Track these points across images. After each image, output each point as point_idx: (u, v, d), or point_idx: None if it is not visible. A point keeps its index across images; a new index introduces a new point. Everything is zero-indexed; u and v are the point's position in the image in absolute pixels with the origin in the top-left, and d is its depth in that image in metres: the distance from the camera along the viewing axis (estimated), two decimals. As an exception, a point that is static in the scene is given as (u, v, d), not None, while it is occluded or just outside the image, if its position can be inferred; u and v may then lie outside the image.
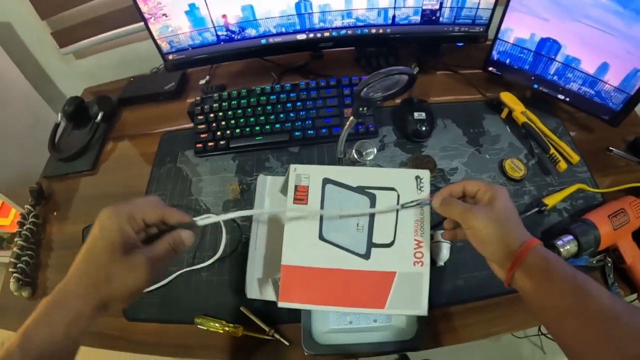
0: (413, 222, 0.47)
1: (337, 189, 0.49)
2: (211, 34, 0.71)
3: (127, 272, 0.36)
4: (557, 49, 0.70)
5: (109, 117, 0.86)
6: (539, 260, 0.38)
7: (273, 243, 0.56)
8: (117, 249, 0.35)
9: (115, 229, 0.36)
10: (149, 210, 0.39)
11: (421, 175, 0.49)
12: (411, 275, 0.47)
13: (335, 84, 0.74)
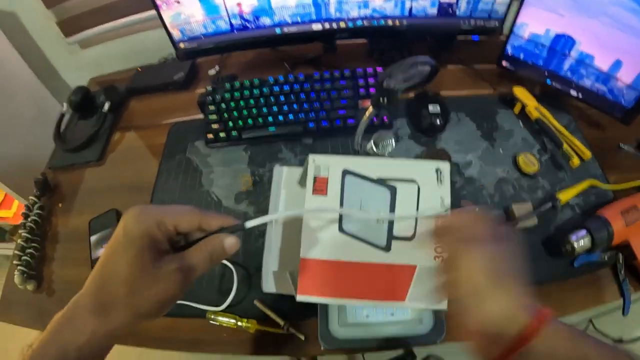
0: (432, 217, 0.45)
1: (357, 180, 0.47)
2: (225, 22, 0.68)
3: (153, 284, 0.30)
4: (572, 45, 0.69)
5: (117, 108, 0.83)
6: (562, 340, 0.29)
7: (290, 236, 0.53)
8: (142, 256, 0.30)
9: (141, 234, 0.30)
10: (184, 217, 0.32)
11: (441, 168, 0.47)
12: (432, 270, 0.45)
13: (349, 75, 0.72)
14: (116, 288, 0.30)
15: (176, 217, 0.32)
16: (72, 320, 0.30)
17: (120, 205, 0.69)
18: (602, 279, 0.59)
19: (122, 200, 0.70)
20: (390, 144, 0.57)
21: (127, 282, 0.29)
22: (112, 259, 0.30)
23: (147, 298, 0.30)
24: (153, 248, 0.30)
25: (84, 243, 0.67)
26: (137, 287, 0.30)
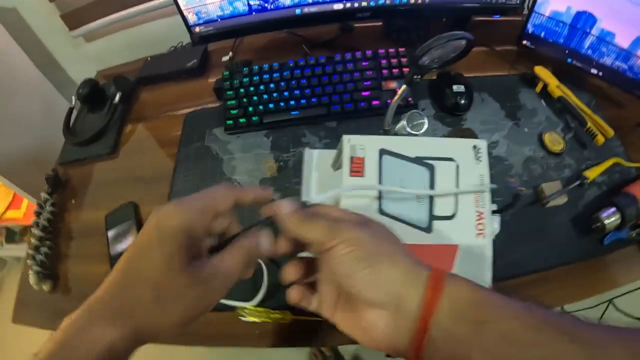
0: (471, 196, 0.44)
1: (394, 160, 0.45)
2: (242, 3, 0.65)
3: (186, 290, 0.25)
4: (593, 23, 0.67)
5: (127, 98, 0.79)
6: (467, 294, 0.25)
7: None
8: (177, 256, 0.25)
9: (180, 232, 0.26)
10: (221, 196, 0.29)
11: (478, 145, 0.45)
12: (474, 248, 0.43)
13: (371, 56, 0.69)
14: (142, 292, 0.25)
15: (214, 198, 0.29)
16: (85, 331, 0.24)
17: (137, 198, 0.66)
18: (633, 255, 0.58)
19: (139, 193, 0.67)
20: (423, 123, 0.54)
21: (156, 286, 0.25)
22: (138, 259, 0.26)
23: (179, 306, 0.26)
24: (189, 249, 0.26)
25: (99, 238, 0.64)
26: (168, 293, 0.25)
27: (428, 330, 0.24)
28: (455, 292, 0.25)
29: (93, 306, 0.26)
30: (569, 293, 0.55)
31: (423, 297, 0.25)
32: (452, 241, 0.43)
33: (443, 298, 0.24)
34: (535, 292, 0.54)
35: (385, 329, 0.26)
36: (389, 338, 0.26)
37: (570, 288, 0.55)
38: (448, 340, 0.24)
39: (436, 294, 0.24)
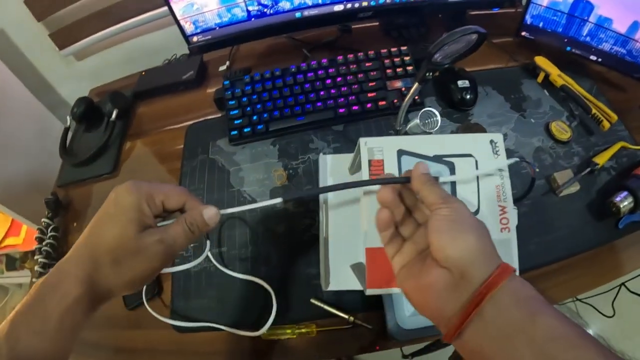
0: (494, 187, 0.42)
1: (413, 159, 0.43)
2: (241, 9, 0.62)
3: (136, 254, 0.30)
4: (590, 10, 0.67)
5: (125, 115, 0.76)
6: (527, 288, 0.28)
7: (344, 227, 0.48)
8: (130, 227, 0.30)
9: (131, 206, 0.30)
10: (173, 195, 0.33)
11: (495, 139, 0.44)
12: (500, 242, 0.41)
13: (374, 56, 0.68)
14: (102, 257, 0.29)
15: (166, 194, 0.32)
16: (55, 287, 0.29)
17: (144, 216, 0.62)
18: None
19: (145, 211, 0.63)
20: (437, 121, 0.52)
21: (113, 251, 0.29)
22: (99, 228, 0.30)
23: (131, 268, 0.30)
24: (140, 221, 0.30)
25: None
26: (122, 257, 0.29)
27: (483, 303, 0.26)
28: (517, 283, 0.27)
29: (63, 268, 0.30)
30: (585, 282, 0.55)
31: (489, 275, 0.27)
32: None
33: (506, 283, 0.26)
34: (549, 283, 0.54)
35: (442, 291, 0.28)
36: (442, 301, 0.28)
37: (586, 277, 0.55)
38: (498, 319, 0.26)
39: (501, 276, 0.27)
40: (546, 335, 0.25)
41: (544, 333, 0.25)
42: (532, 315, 0.25)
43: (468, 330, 0.27)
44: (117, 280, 0.30)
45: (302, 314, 0.51)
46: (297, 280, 0.53)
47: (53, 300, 0.28)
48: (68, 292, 0.28)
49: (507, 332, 0.26)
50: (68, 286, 0.28)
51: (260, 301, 0.52)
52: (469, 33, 0.42)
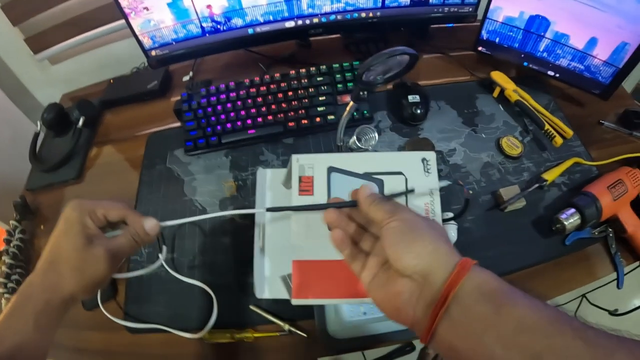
0: (423, 205, 0.44)
1: (343, 177, 0.46)
2: (196, 26, 0.66)
3: (87, 264, 0.36)
4: (547, 26, 0.69)
5: (92, 122, 0.81)
6: (488, 284, 0.28)
7: (278, 239, 0.52)
8: (79, 241, 0.35)
9: (77, 221, 0.36)
10: (112, 208, 0.39)
11: (427, 157, 0.46)
12: None
13: (326, 71, 0.71)
14: (61, 267, 0.35)
15: (106, 208, 0.38)
16: (28, 297, 0.35)
17: (103, 222, 0.67)
18: (595, 254, 0.60)
19: (105, 217, 0.68)
20: (374, 138, 0.56)
21: (68, 262, 0.35)
22: (56, 243, 0.36)
23: (84, 274, 0.36)
24: (85, 233, 0.36)
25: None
26: (76, 265, 0.35)
27: (447, 303, 0.27)
28: (479, 277, 0.28)
29: (33, 281, 0.36)
30: (536, 294, 0.57)
31: (448, 274, 0.28)
32: None
33: (467, 279, 0.28)
34: None
35: (410, 298, 0.30)
36: (411, 307, 0.30)
37: (537, 289, 0.57)
38: (465, 317, 0.27)
39: (461, 274, 0.28)
40: (515, 327, 0.25)
41: (512, 326, 0.25)
42: (498, 309, 0.26)
43: (439, 331, 0.28)
44: (76, 285, 0.36)
45: (243, 320, 0.55)
46: (240, 287, 0.57)
47: (28, 306, 0.35)
48: (38, 298, 0.35)
49: (476, 328, 0.26)
50: (38, 294, 0.35)
51: (206, 306, 0.56)
52: (397, 54, 0.44)
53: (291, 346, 0.53)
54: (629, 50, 0.63)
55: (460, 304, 0.27)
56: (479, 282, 0.28)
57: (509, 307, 0.26)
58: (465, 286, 0.28)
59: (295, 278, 0.44)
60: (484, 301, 0.27)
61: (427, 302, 0.29)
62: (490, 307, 0.26)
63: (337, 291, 0.44)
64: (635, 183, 0.61)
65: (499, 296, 0.27)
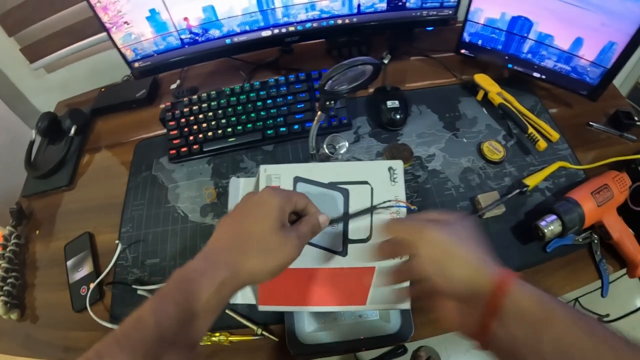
0: (388, 214, 0.47)
1: (308, 186, 0.49)
2: (175, 37, 0.71)
3: (280, 247, 0.37)
4: (529, 27, 0.70)
5: (83, 130, 0.86)
6: (528, 302, 0.30)
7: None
8: (276, 225, 0.37)
9: (277, 207, 0.38)
10: (301, 197, 0.41)
11: (394, 166, 0.48)
12: (391, 269, 0.46)
13: (305, 78, 0.74)
14: (250, 247, 0.36)
15: (298, 196, 0.41)
16: (205, 272, 0.34)
17: (92, 228, 0.72)
18: (579, 260, 0.60)
19: (94, 222, 0.73)
20: (345, 146, 0.58)
21: (263, 242, 0.36)
22: (246, 224, 0.38)
23: (277, 257, 0.37)
24: (282, 220, 0.38)
25: (62, 267, 0.70)
26: (268, 248, 0.36)
27: (491, 329, 0.31)
28: (519, 296, 0.30)
29: (209, 256, 0.37)
30: None
31: (489, 295, 0.31)
32: (368, 263, 0.46)
33: (506, 302, 0.30)
34: None
35: (459, 317, 0.34)
36: (462, 325, 0.34)
37: None
38: (507, 340, 0.30)
39: (499, 298, 0.31)
40: (552, 343, 0.28)
41: (550, 343, 0.28)
42: (537, 335, 0.29)
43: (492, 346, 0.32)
44: (261, 268, 0.36)
45: (219, 323, 0.58)
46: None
47: (203, 285, 0.33)
48: (217, 276, 0.34)
49: (520, 349, 0.29)
50: (217, 271, 0.34)
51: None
52: (358, 64, 0.46)
53: (264, 349, 0.57)
54: (617, 49, 0.63)
55: (503, 327, 0.30)
56: (518, 304, 0.30)
57: (548, 329, 0.29)
58: (505, 311, 0.30)
59: (262, 285, 0.47)
60: (523, 324, 0.30)
61: (475, 321, 0.32)
62: (528, 329, 0.29)
63: (304, 299, 0.47)
64: (622, 188, 0.61)
65: (538, 311, 0.30)
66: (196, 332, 0.33)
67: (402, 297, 0.44)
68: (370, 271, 0.46)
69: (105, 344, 0.30)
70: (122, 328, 0.31)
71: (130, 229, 0.69)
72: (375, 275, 0.46)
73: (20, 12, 0.88)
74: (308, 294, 0.47)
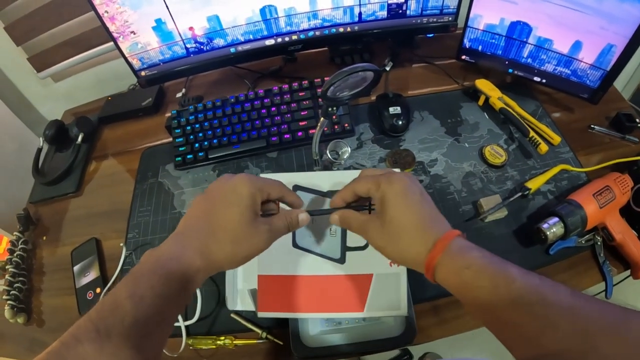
0: None
1: (307, 195, 0.50)
2: (180, 47, 0.73)
3: (251, 237, 0.37)
4: (529, 32, 0.71)
5: (90, 138, 0.88)
6: (450, 275, 0.35)
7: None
8: (247, 214, 0.37)
9: (248, 195, 0.38)
10: (275, 187, 0.41)
11: None
12: (388, 276, 0.47)
13: (308, 85, 0.76)
14: (221, 234, 0.37)
15: (271, 186, 0.41)
16: (178, 257, 0.35)
17: (99, 234, 0.74)
18: (582, 263, 0.61)
19: (100, 228, 0.75)
20: (347, 151, 0.60)
21: (233, 232, 0.37)
22: (220, 210, 0.38)
23: (244, 247, 0.38)
24: (254, 208, 0.38)
25: (68, 273, 0.72)
26: (238, 237, 0.37)
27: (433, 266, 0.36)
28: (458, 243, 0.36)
29: (184, 242, 0.37)
30: None
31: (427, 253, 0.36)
32: (366, 270, 0.47)
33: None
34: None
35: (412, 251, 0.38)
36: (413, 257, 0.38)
37: None
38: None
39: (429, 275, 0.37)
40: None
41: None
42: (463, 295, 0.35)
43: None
44: (230, 256, 0.37)
45: (224, 327, 0.60)
46: (222, 296, 0.62)
47: (177, 269, 0.34)
48: (191, 263, 0.35)
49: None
50: (190, 256, 0.35)
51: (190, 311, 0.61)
52: (358, 71, 0.47)
53: (268, 353, 0.58)
54: (616, 52, 0.65)
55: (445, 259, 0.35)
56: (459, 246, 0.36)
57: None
58: (441, 261, 0.35)
59: (261, 292, 0.48)
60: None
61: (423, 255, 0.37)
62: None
63: (303, 306, 0.48)
64: (624, 189, 0.62)
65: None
66: (171, 316, 0.35)
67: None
68: (367, 278, 0.48)
69: (81, 328, 0.30)
70: (98, 312, 0.31)
71: (137, 234, 0.71)
72: (372, 282, 0.47)
73: (28, 21, 0.91)
74: (306, 300, 0.48)
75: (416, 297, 0.57)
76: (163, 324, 0.34)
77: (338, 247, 0.48)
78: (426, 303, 0.58)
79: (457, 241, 0.36)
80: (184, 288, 0.35)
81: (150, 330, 0.33)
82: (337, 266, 0.48)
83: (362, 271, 0.47)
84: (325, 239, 0.49)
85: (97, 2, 0.65)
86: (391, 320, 0.56)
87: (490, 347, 1.26)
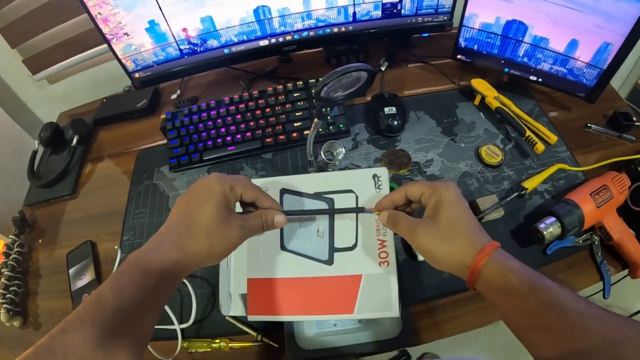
0: (374, 222, 0.48)
1: (295, 198, 0.50)
2: (174, 48, 0.73)
3: (224, 232, 0.38)
4: (524, 30, 0.71)
5: (85, 140, 0.88)
6: (494, 277, 0.37)
7: (241, 258, 0.56)
8: (220, 210, 0.38)
9: (220, 192, 0.39)
10: (249, 188, 0.42)
11: (378, 174, 0.49)
12: (378, 277, 0.47)
13: (303, 86, 0.76)
14: (197, 229, 0.38)
15: (244, 186, 0.42)
16: (157, 251, 0.37)
17: (94, 236, 0.74)
18: (580, 262, 0.61)
19: (96, 231, 0.75)
20: (342, 152, 0.60)
21: (207, 227, 0.38)
22: (195, 207, 0.39)
23: (219, 241, 0.39)
24: (227, 205, 0.39)
25: (63, 275, 0.72)
26: (213, 232, 0.38)
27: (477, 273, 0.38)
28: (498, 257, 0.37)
29: (163, 238, 0.38)
30: None
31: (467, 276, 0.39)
32: (355, 271, 0.47)
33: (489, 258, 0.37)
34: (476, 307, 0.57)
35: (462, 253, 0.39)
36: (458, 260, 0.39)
37: None
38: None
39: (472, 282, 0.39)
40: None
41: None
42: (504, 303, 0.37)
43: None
44: (206, 249, 0.38)
45: (219, 330, 0.60)
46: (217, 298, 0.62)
47: (155, 261, 0.36)
48: (168, 255, 0.36)
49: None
50: (168, 250, 0.37)
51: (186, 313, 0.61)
52: (351, 71, 0.47)
53: (263, 355, 0.58)
54: (612, 50, 0.65)
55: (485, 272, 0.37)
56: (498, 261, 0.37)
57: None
58: (487, 263, 0.37)
59: (251, 295, 0.48)
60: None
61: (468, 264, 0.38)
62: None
63: (293, 308, 0.48)
64: (621, 188, 0.62)
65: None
66: (153, 306, 0.37)
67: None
68: (356, 279, 0.47)
69: (68, 321, 0.32)
70: (84, 306, 0.33)
71: (132, 237, 0.70)
72: (362, 283, 0.47)
73: (23, 24, 0.90)
74: (296, 303, 0.48)
75: (414, 298, 0.57)
76: (146, 314, 0.36)
77: (326, 248, 0.48)
78: (423, 304, 0.58)
79: (500, 250, 0.38)
80: (163, 279, 0.36)
81: (133, 319, 0.34)
82: (325, 268, 0.48)
83: (351, 272, 0.47)
84: (313, 240, 0.48)
85: (90, 4, 0.65)
86: (387, 321, 0.55)
87: (490, 347, 1.27)
